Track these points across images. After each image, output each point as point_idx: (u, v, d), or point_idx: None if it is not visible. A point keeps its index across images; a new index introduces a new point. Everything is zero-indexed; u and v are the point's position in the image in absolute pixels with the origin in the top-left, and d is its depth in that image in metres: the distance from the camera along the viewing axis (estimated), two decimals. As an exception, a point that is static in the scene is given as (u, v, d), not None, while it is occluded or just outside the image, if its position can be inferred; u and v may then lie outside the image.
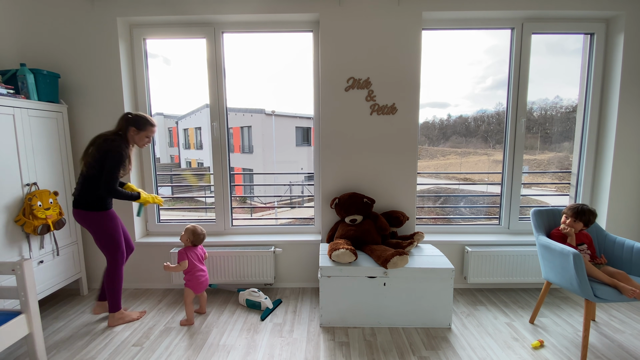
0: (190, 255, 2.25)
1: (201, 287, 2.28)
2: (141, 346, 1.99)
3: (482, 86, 2.74)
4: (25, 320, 1.64)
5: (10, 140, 2.06)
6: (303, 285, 2.79)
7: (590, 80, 2.63)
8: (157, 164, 2.88)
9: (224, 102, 2.72)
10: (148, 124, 2.13)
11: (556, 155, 3.16)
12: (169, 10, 2.48)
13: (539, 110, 2.97)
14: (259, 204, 8.70)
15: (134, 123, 2.09)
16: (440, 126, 3.56)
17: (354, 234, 2.39)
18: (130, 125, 2.08)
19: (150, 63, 2.74)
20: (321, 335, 2.10)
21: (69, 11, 2.50)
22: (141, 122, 2.10)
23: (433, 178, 4.04)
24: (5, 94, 2.07)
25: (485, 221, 2.99)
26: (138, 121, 2.10)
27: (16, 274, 1.63)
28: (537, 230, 2.16)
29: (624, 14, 2.43)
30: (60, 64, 2.54)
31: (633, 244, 2.00)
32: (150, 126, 2.14)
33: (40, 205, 2.16)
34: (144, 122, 2.11)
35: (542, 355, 1.89)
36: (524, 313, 2.34)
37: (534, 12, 2.46)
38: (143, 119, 2.11)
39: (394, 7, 2.43)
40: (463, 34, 2.67)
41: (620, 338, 2.05)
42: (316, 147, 2.73)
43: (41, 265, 2.26)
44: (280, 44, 3.09)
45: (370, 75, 2.50)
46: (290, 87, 9.51)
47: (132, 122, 2.09)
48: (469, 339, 2.04)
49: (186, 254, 2.23)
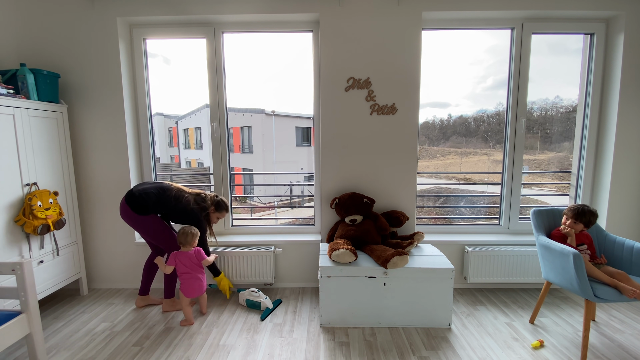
0: (180, 260, 2.20)
1: (193, 292, 2.23)
2: (141, 346, 1.99)
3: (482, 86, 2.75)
4: (25, 320, 1.64)
5: (10, 140, 2.06)
6: (303, 285, 2.79)
7: (590, 80, 2.63)
8: (157, 164, 2.88)
9: (224, 102, 2.72)
10: (224, 205, 2.44)
11: (556, 155, 3.16)
12: (169, 10, 2.48)
13: (539, 110, 2.97)
14: (259, 204, 8.70)
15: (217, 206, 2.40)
16: (441, 126, 3.56)
17: (354, 234, 2.39)
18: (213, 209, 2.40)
19: (150, 63, 2.74)
20: (321, 335, 2.10)
21: (69, 11, 2.50)
22: (224, 205, 2.44)
23: (433, 178, 4.04)
24: (5, 94, 2.07)
25: (485, 221, 2.99)
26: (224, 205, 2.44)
27: (16, 274, 1.63)
28: (537, 230, 2.16)
29: (624, 14, 2.43)
30: (60, 64, 2.54)
31: (633, 244, 2.00)
32: (224, 210, 2.44)
33: (40, 205, 2.16)
34: (224, 204, 2.44)
35: (542, 355, 1.89)
36: (524, 313, 2.34)
37: (534, 12, 2.46)
38: (225, 204, 2.45)
39: (394, 7, 2.43)
40: (464, 33, 2.67)
41: (620, 338, 2.05)
42: (316, 147, 2.73)
43: (41, 265, 2.26)
44: (280, 44, 3.07)
45: (370, 75, 2.50)
46: (290, 87, 9.51)
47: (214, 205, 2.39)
48: (469, 339, 2.04)
49: (175, 259, 2.20)
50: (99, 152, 2.62)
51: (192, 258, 2.22)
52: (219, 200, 2.41)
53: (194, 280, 2.22)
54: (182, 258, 2.20)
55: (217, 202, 2.40)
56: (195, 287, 2.23)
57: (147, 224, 2.23)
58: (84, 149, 2.63)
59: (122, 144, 2.60)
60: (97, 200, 2.68)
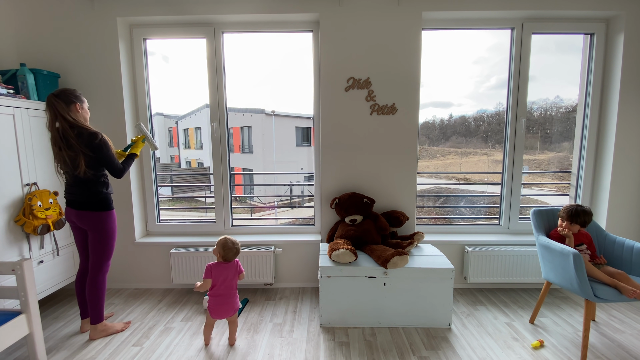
0: (216, 273, 1.90)
1: (220, 313, 1.92)
2: (141, 346, 1.99)
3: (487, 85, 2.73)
4: (25, 320, 1.64)
5: (10, 140, 2.06)
6: (303, 285, 2.79)
7: (590, 80, 2.63)
8: (157, 163, 2.88)
9: (224, 102, 2.72)
10: (76, 92, 1.93)
11: (556, 155, 3.16)
12: (169, 10, 2.48)
13: (539, 110, 2.97)
14: (259, 204, 8.70)
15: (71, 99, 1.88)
16: (441, 126, 3.56)
17: (354, 234, 2.39)
18: (71, 103, 1.87)
19: (150, 63, 2.74)
20: (321, 335, 2.10)
21: (69, 11, 2.50)
22: (75, 93, 1.92)
23: (433, 178, 4.04)
24: (5, 94, 2.07)
25: (485, 221, 2.99)
26: (74, 94, 1.90)
27: (16, 274, 1.63)
28: (537, 230, 2.16)
29: (624, 14, 2.43)
30: (60, 64, 2.54)
31: (633, 244, 2.00)
32: (79, 94, 1.94)
33: (40, 205, 2.16)
34: (76, 92, 1.93)
35: (542, 355, 1.89)
36: (524, 313, 2.34)
37: (534, 12, 2.46)
38: (69, 91, 1.89)
39: (394, 7, 2.43)
40: (467, 32, 2.67)
41: (620, 338, 2.05)
42: (316, 147, 2.73)
43: (41, 265, 2.26)
44: (280, 44, 3.07)
45: (370, 75, 2.50)
46: (290, 87, 9.52)
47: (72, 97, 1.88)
48: (469, 339, 2.04)
49: (211, 272, 1.89)
50: (99, 152, 2.62)
51: (230, 273, 1.93)
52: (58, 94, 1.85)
53: (222, 299, 1.90)
54: (219, 272, 1.90)
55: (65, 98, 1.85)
56: (224, 308, 1.91)
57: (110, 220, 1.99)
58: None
59: (122, 144, 2.60)
60: (97, 200, 2.68)
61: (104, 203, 1.97)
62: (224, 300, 1.91)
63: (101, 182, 1.96)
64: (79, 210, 1.94)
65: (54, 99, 1.83)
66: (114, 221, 2.03)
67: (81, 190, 1.92)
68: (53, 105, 1.82)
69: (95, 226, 1.96)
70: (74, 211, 1.96)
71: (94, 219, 1.95)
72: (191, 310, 2.42)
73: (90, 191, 1.93)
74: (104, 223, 1.97)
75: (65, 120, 1.83)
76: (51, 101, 1.83)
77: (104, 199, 1.97)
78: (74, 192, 1.94)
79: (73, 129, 1.84)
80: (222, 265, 1.92)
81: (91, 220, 1.95)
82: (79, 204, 1.94)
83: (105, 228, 1.98)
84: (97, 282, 2.01)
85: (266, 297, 2.61)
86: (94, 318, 2.05)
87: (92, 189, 1.93)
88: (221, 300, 1.91)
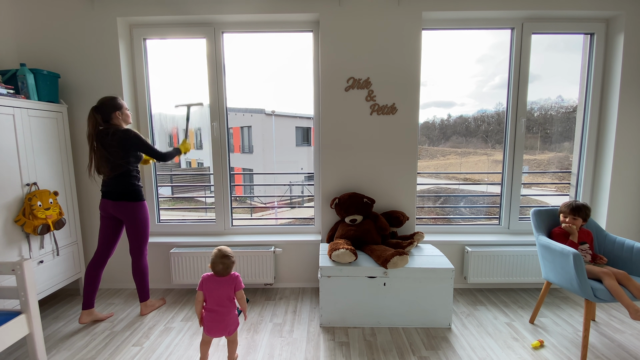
0: (208, 287, 1.71)
1: (213, 330, 1.70)
2: (141, 346, 1.99)
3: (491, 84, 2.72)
4: (25, 320, 1.64)
5: (10, 140, 2.06)
6: (303, 285, 2.78)
7: (590, 80, 2.63)
8: (156, 163, 2.88)
9: (224, 102, 2.72)
10: (118, 100, 2.16)
11: (556, 155, 3.16)
12: (169, 10, 2.48)
13: (539, 110, 2.97)
14: (259, 204, 8.69)
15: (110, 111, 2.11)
16: (441, 126, 3.56)
17: (354, 234, 2.39)
18: (112, 112, 2.11)
19: (150, 63, 2.74)
20: (321, 335, 2.10)
21: (69, 11, 2.50)
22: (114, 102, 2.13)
23: (433, 178, 4.04)
24: (5, 94, 2.07)
25: (485, 221, 2.99)
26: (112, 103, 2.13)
27: (16, 274, 1.63)
28: (537, 230, 2.16)
29: (624, 14, 2.43)
30: (60, 64, 2.54)
31: (633, 244, 2.00)
32: (121, 101, 2.18)
33: (40, 205, 2.16)
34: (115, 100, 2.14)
35: (542, 355, 1.89)
36: (524, 313, 2.34)
37: (534, 12, 2.46)
38: (111, 98, 2.14)
39: (394, 7, 2.43)
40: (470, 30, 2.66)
41: (620, 338, 2.05)
42: (316, 147, 2.73)
43: (41, 265, 2.26)
44: (280, 44, 3.11)
45: (370, 75, 2.50)
46: (290, 87, 9.51)
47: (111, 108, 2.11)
48: (469, 339, 2.04)
49: (202, 284, 1.72)
50: (99, 152, 2.62)
51: (224, 290, 1.71)
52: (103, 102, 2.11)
53: (212, 315, 1.69)
54: (211, 285, 1.71)
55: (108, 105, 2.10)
56: (214, 325, 1.70)
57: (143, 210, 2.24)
58: (84, 149, 2.62)
59: (122, 144, 2.60)
60: (97, 200, 2.67)
61: (138, 194, 2.21)
62: (218, 317, 1.69)
63: (133, 176, 2.20)
64: (116, 201, 2.16)
65: (94, 114, 2.08)
66: (147, 210, 2.27)
67: (117, 183, 2.14)
68: (93, 119, 2.08)
69: (131, 215, 2.19)
70: (110, 202, 2.16)
71: (130, 209, 2.18)
72: (191, 310, 2.42)
73: (125, 183, 2.16)
74: (138, 212, 2.21)
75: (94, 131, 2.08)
76: (91, 116, 2.08)
77: (137, 191, 2.21)
78: (111, 185, 2.16)
79: (108, 133, 2.08)
80: (215, 279, 1.72)
81: (127, 210, 2.18)
82: (116, 194, 2.15)
83: (140, 216, 2.22)
84: (141, 265, 2.29)
85: (266, 297, 2.61)
86: (143, 296, 2.34)
87: (127, 182, 2.16)
88: (215, 316, 1.69)
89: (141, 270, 2.30)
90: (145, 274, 2.31)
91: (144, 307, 2.35)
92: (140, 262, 2.29)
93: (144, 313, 2.35)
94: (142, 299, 2.35)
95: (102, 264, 2.26)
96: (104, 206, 2.19)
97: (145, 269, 2.31)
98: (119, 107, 2.15)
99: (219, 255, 1.72)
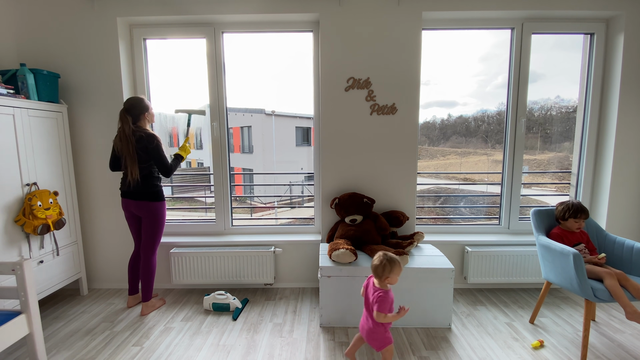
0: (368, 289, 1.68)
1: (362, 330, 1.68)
2: (141, 346, 1.99)
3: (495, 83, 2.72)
4: (25, 320, 1.64)
5: (10, 140, 2.06)
6: (303, 285, 2.78)
7: (590, 80, 2.63)
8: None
9: (224, 102, 2.71)
10: (145, 101, 2.26)
11: (556, 155, 3.16)
12: (169, 10, 2.48)
13: (539, 110, 2.97)
14: (259, 204, 8.69)
15: (139, 112, 2.21)
16: (441, 126, 3.56)
17: (354, 234, 2.39)
18: (140, 113, 2.21)
19: (150, 63, 2.74)
20: (321, 335, 2.10)
21: (69, 11, 2.50)
22: (143, 104, 2.24)
23: (433, 178, 4.04)
24: (5, 94, 2.07)
25: (485, 221, 2.99)
26: (142, 105, 2.22)
27: (16, 274, 1.63)
28: (537, 230, 2.16)
29: (624, 14, 2.43)
30: (60, 64, 2.54)
31: (633, 244, 2.00)
32: (148, 101, 2.27)
33: (40, 205, 2.16)
34: (143, 102, 2.24)
35: (542, 355, 1.89)
36: (524, 313, 2.34)
37: (534, 12, 2.46)
38: (140, 100, 2.23)
39: (394, 7, 2.43)
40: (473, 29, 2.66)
41: (620, 338, 2.05)
42: (316, 147, 2.73)
43: (41, 265, 2.26)
44: (280, 44, 3.09)
45: (370, 75, 2.50)
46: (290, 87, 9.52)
47: (141, 109, 2.21)
48: (469, 339, 2.04)
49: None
50: (99, 152, 2.62)
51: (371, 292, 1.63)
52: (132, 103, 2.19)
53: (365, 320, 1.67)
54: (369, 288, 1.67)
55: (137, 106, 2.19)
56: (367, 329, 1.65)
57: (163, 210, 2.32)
58: (84, 149, 2.63)
59: (122, 144, 2.60)
60: (97, 200, 2.68)
61: (160, 194, 2.29)
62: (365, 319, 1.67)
63: (156, 177, 2.28)
64: (138, 201, 2.23)
65: (125, 115, 2.16)
66: (165, 210, 2.33)
67: (141, 184, 2.21)
68: (123, 119, 2.15)
69: (151, 214, 2.26)
70: (133, 202, 2.25)
71: (151, 208, 2.25)
72: (191, 310, 2.42)
73: (148, 184, 2.23)
74: (157, 211, 2.27)
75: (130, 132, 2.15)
76: (123, 117, 2.16)
77: (160, 192, 2.30)
78: (135, 185, 2.20)
79: (135, 135, 2.15)
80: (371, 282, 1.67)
81: (148, 209, 2.25)
82: (140, 194, 2.22)
83: (158, 216, 2.29)
84: (151, 262, 2.33)
85: (266, 297, 2.61)
86: (146, 296, 2.35)
87: (150, 183, 2.24)
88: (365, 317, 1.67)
89: (150, 269, 2.32)
90: (153, 273, 2.34)
91: (145, 307, 2.35)
92: (150, 260, 2.32)
93: (144, 313, 2.35)
94: (145, 299, 2.35)
95: (138, 257, 2.39)
96: (127, 205, 2.28)
97: (153, 268, 2.34)
98: (147, 108, 2.24)
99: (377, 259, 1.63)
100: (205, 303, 2.40)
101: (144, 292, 2.34)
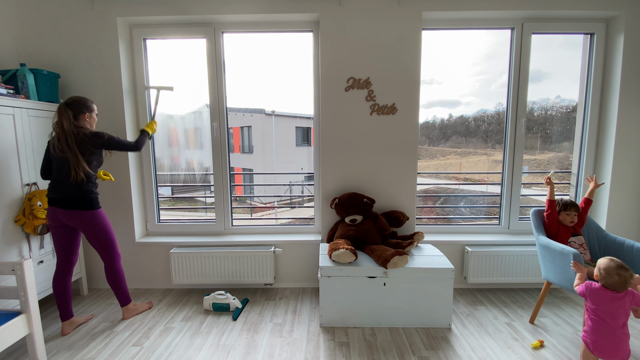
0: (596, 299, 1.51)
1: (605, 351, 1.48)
2: (141, 346, 1.99)
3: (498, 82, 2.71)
4: (25, 320, 1.64)
5: (10, 140, 2.06)
6: (303, 285, 2.78)
7: (590, 80, 2.63)
8: (156, 163, 2.88)
9: (224, 102, 2.72)
10: (92, 104, 2.06)
11: (556, 155, 3.16)
12: (169, 10, 2.48)
13: (539, 110, 2.97)
14: (259, 204, 8.69)
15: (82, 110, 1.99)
16: (441, 126, 3.55)
17: (354, 234, 2.39)
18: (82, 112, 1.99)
19: (150, 63, 2.74)
20: (321, 335, 2.10)
21: (69, 11, 2.49)
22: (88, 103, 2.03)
23: (433, 178, 4.04)
24: (5, 94, 2.07)
25: (485, 221, 2.99)
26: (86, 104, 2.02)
27: (16, 274, 1.63)
28: (537, 230, 2.16)
29: (624, 14, 2.43)
30: (60, 64, 2.54)
31: (633, 244, 2.00)
32: (94, 105, 2.08)
33: (40, 205, 2.16)
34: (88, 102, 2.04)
35: (542, 355, 1.89)
36: (524, 313, 2.34)
37: (534, 12, 2.46)
38: (86, 99, 2.03)
39: (394, 7, 2.43)
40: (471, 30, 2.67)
41: (620, 338, 2.05)
42: (316, 147, 2.73)
43: (41, 265, 2.26)
44: (281, 44, 3.09)
45: (370, 75, 2.50)
46: (290, 87, 9.50)
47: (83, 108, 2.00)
48: (469, 339, 2.04)
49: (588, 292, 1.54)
50: (99, 152, 2.62)
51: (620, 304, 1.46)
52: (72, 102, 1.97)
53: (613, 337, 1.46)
54: (602, 299, 1.48)
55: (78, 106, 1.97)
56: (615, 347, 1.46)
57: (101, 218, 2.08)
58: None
59: (122, 144, 2.60)
60: (97, 200, 2.67)
61: (95, 202, 2.05)
62: (610, 336, 1.46)
63: (92, 182, 2.05)
64: (69, 210, 1.98)
65: (65, 109, 1.93)
66: (104, 216, 2.11)
67: (74, 189, 1.97)
68: (62, 113, 1.92)
69: (89, 225, 2.04)
70: (61, 211, 1.97)
71: (87, 218, 2.02)
72: (191, 310, 2.42)
73: (83, 190, 1.99)
74: (95, 220, 2.05)
75: (70, 128, 1.93)
76: (63, 111, 1.93)
77: (94, 199, 2.05)
78: (65, 191, 1.96)
79: (77, 136, 1.94)
80: (605, 293, 1.48)
81: (84, 220, 2.02)
82: (69, 202, 1.97)
83: (99, 225, 2.07)
84: (114, 270, 2.17)
85: (266, 297, 2.61)
86: (123, 300, 2.24)
87: (85, 188, 2.00)
88: (607, 333, 1.46)
89: (114, 275, 2.17)
90: (119, 277, 2.18)
91: (125, 312, 2.26)
92: (112, 267, 2.16)
93: (125, 317, 2.26)
94: (123, 304, 2.25)
95: (68, 274, 2.11)
96: (54, 215, 1.98)
97: (118, 273, 2.18)
98: (91, 110, 2.04)
99: (612, 269, 1.48)
100: (205, 303, 2.40)
101: (118, 297, 2.23)
